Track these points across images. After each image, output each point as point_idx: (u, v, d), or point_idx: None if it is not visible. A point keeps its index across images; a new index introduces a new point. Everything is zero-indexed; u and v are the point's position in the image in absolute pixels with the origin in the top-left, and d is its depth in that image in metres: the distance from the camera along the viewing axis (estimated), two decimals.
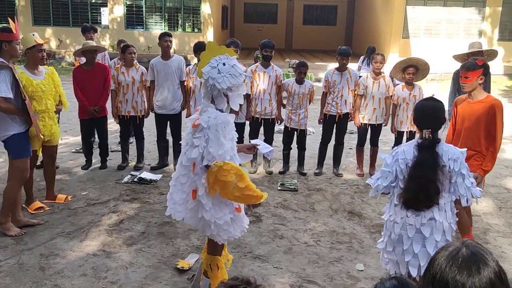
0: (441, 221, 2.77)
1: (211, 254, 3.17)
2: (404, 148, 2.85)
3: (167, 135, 6.35)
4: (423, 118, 2.83)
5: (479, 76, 3.92)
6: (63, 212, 4.82)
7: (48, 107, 4.71)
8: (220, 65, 2.86)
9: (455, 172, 2.74)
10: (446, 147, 2.78)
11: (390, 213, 2.91)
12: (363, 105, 6.12)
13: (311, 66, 15.72)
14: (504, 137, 8.50)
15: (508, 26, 17.89)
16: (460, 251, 1.33)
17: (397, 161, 2.81)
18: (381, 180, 2.87)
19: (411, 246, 2.79)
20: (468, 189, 2.78)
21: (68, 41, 18.28)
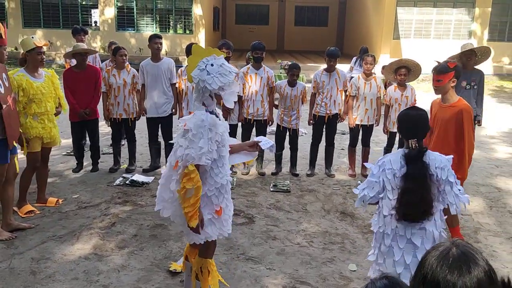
0: (431, 230, 2.73)
1: (202, 256, 3.16)
2: (390, 157, 2.78)
3: (159, 137, 6.33)
4: (408, 128, 2.77)
5: (451, 79, 3.89)
6: (54, 216, 4.78)
7: (48, 110, 4.73)
8: (209, 66, 2.86)
9: (443, 181, 2.70)
10: (432, 155, 2.73)
11: (380, 224, 2.84)
12: (355, 106, 6.15)
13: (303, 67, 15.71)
14: (494, 137, 8.64)
15: (498, 26, 18.06)
16: (451, 251, 1.34)
17: (384, 171, 2.74)
18: (367, 190, 2.80)
19: (403, 257, 2.74)
20: (457, 197, 2.74)
21: (59, 43, 18.17)
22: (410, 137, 2.73)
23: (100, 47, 17.81)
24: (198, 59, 2.91)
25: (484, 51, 5.84)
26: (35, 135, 4.68)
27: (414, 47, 17.00)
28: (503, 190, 5.84)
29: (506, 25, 18.07)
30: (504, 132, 9.06)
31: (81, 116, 5.87)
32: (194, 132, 2.79)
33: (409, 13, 17.93)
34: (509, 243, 4.40)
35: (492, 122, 9.83)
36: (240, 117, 6.07)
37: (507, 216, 5.05)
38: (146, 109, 6.13)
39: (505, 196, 5.62)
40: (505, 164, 6.92)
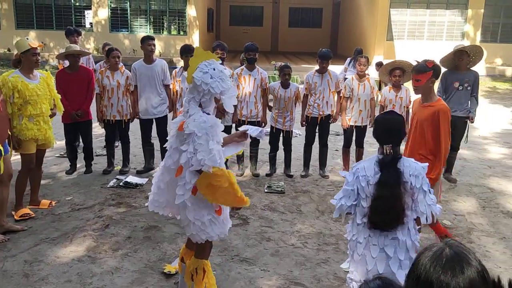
0: (404, 240, 2.65)
1: (198, 257, 3.15)
2: (364, 164, 2.70)
3: (152, 138, 6.31)
4: (384, 133, 2.70)
5: (430, 78, 3.83)
6: (47, 218, 4.75)
7: (43, 111, 4.71)
8: (211, 70, 2.89)
9: (417, 189, 2.62)
10: (407, 162, 2.65)
11: (353, 232, 2.77)
12: (349, 107, 6.17)
13: (297, 69, 15.80)
14: (487, 137, 8.70)
15: (490, 28, 18.19)
16: (444, 251, 1.35)
17: (358, 178, 2.66)
18: (344, 199, 2.71)
19: (375, 266, 2.66)
20: (429, 207, 2.65)
21: (52, 44, 18.10)
22: (384, 142, 2.66)
23: (94, 49, 17.76)
24: (198, 61, 2.92)
25: (475, 50, 5.86)
26: (31, 137, 4.65)
27: (408, 48, 17.08)
28: (496, 190, 5.87)
29: (498, 27, 18.20)
30: (496, 133, 9.12)
31: (73, 118, 5.84)
32: (199, 135, 2.80)
33: (403, 15, 18.02)
34: (502, 243, 4.43)
35: (485, 123, 9.89)
36: (234, 118, 6.07)
37: (500, 216, 5.09)
38: (139, 112, 6.10)
39: (498, 197, 5.65)
40: (497, 165, 6.96)
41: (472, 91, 5.85)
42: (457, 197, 5.61)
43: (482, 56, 5.89)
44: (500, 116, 11.03)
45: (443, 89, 5.95)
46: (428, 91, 3.92)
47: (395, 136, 2.68)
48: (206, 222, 2.97)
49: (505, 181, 6.22)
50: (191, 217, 2.95)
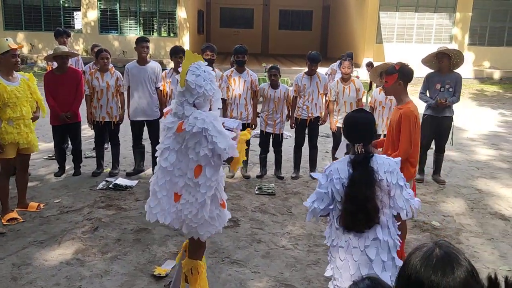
0: (386, 240, 2.58)
1: (193, 258, 3.16)
2: (337, 166, 2.61)
3: (143, 140, 6.28)
4: (355, 131, 2.62)
5: (397, 80, 3.77)
6: (35, 221, 4.70)
7: (24, 114, 4.60)
8: (203, 72, 2.93)
9: (393, 185, 2.55)
10: (380, 159, 2.58)
11: (332, 237, 2.67)
12: (336, 110, 6.20)
13: (287, 71, 15.83)
14: (474, 139, 8.79)
15: (478, 31, 18.39)
16: (434, 251, 1.36)
17: (332, 181, 2.57)
18: (317, 203, 2.62)
19: (358, 270, 2.58)
20: (407, 201, 2.60)
21: (41, 45, 17.94)
22: (356, 141, 2.59)
23: (83, 50, 17.64)
24: (189, 64, 2.95)
25: (457, 54, 5.96)
26: (10, 141, 4.54)
27: (397, 51, 17.21)
28: (483, 191, 5.93)
29: (486, 30, 18.42)
30: (484, 135, 9.22)
31: (62, 120, 5.79)
32: (210, 129, 2.85)
33: (392, 18, 18.16)
34: (490, 244, 4.47)
35: (472, 125, 10.00)
36: None
37: (488, 217, 5.14)
38: (131, 113, 6.06)
39: (486, 198, 5.71)
40: (485, 166, 7.04)
41: (454, 92, 5.94)
42: (446, 198, 5.66)
43: (463, 60, 5.98)
44: (487, 118, 11.16)
45: (425, 90, 6.12)
46: (397, 93, 3.85)
47: (365, 134, 2.62)
48: (215, 216, 3.06)
49: (493, 182, 6.29)
50: (207, 215, 2.99)
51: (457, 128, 9.75)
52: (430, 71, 6.14)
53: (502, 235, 4.68)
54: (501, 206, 5.46)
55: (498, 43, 18.44)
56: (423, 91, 6.14)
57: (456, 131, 9.43)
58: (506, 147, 8.23)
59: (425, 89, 6.12)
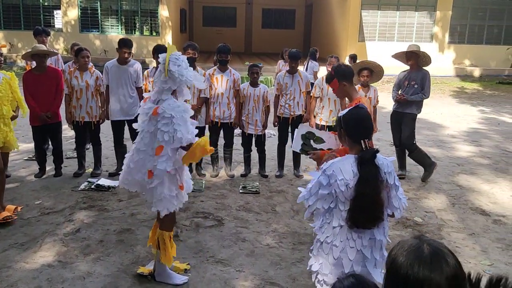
0: (380, 239, 2.60)
1: (164, 229, 3.52)
2: (340, 166, 2.52)
3: (125, 140, 6.21)
4: (360, 127, 2.59)
5: (339, 83, 3.82)
6: (15, 223, 4.60)
7: (4, 113, 4.54)
8: (182, 62, 3.31)
9: (391, 185, 2.57)
10: (380, 160, 2.55)
11: (327, 234, 2.63)
12: (320, 107, 6.21)
13: (270, 70, 15.83)
14: (455, 136, 8.92)
15: (458, 29, 18.68)
16: (423, 249, 1.37)
17: (336, 182, 2.50)
18: (320, 203, 2.57)
19: (352, 268, 2.58)
20: (400, 200, 2.63)
21: (20, 45, 17.64)
22: (362, 137, 2.55)
23: (64, 49, 17.38)
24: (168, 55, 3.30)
25: (425, 55, 6.11)
26: None
27: (379, 49, 17.37)
28: (464, 187, 6.02)
29: (466, 28, 18.71)
30: (464, 132, 9.37)
31: (42, 120, 5.69)
32: (177, 117, 3.23)
33: (373, 16, 18.32)
34: (471, 239, 4.54)
35: (453, 122, 10.15)
36: (207, 119, 6.03)
37: (469, 212, 5.22)
38: (110, 113, 5.98)
39: (467, 193, 5.80)
40: (466, 162, 7.15)
41: (421, 89, 6.06)
42: (428, 194, 5.73)
43: (431, 60, 6.15)
44: (468, 115, 11.33)
45: (397, 88, 6.31)
46: (347, 93, 3.89)
47: (370, 129, 2.63)
48: (175, 195, 3.42)
49: (473, 178, 6.39)
50: (166, 192, 3.36)
51: (438, 125, 9.90)
52: (402, 70, 6.35)
53: (483, 230, 4.75)
54: (482, 201, 5.54)
55: (477, 41, 18.76)
56: (395, 89, 6.35)
57: (437, 128, 9.57)
58: (486, 144, 8.38)
59: (398, 87, 6.31)
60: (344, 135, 2.65)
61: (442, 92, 15.19)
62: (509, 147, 8.17)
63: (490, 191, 5.90)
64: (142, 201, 4.72)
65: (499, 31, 18.84)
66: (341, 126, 2.65)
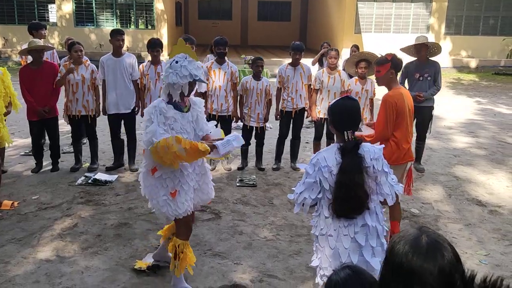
0: (374, 225, 2.62)
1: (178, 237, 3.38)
2: (324, 154, 2.60)
3: (122, 134, 6.19)
4: (345, 118, 2.61)
5: (389, 70, 3.96)
6: (12, 218, 4.61)
7: None
8: (173, 62, 3.15)
9: (379, 172, 2.60)
10: (366, 147, 2.61)
11: (321, 226, 2.66)
12: (319, 99, 6.21)
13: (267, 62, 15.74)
14: (452, 127, 8.93)
15: (454, 20, 18.64)
16: (421, 239, 1.38)
17: (320, 169, 2.57)
18: (307, 193, 2.61)
19: (349, 257, 2.60)
20: (392, 187, 2.65)
21: (15, 39, 17.51)
22: (345, 128, 2.59)
23: (58, 43, 17.28)
24: (176, 52, 3.20)
25: (435, 46, 6.07)
26: None
27: (375, 41, 17.34)
28: (461, 178, 6.05)
29: (462, 19, 18.68)
30: (461, 123, 9.39)
31: (40, 115, 5.66)
32: (146, 118, 3.15)
33: (369, 8, 18.27)
34: (468, 230, 4.57)
35: (450, 113, 10.17)
36: (205, 112, 6.01)
37: (465, 203, 5.24)
38: (107, 106, 5.96)
39: (463, 184, 5.82)
40: (462, 154, 7.17)
41: (434, 82, 6.02)
42: (424, 186, 5.75)
43: (441, 50, 6.11)
44: (464, 106, 11.35)
45: (403, 80, 6.19)
46: (389, 82, 4.02)
47: (354, 121, 2.64)
48: (160, 201, 3.23)
49: (470, 169, 6.42)
50: (147, 194, 3.29)
51: (435, 117, 9.90)
52: (409, 61, 6.22)
53: (479, 221, 4.78)
54: (478, 192, 5.57)
55: (473, 32, 18.74)
56: (401, 81, 6.18)
57: (434, 120, 9.57)
58: (483, 134, 8.40)
59: (404, 79, 6.17)
60: (330, 123, 2.73)
61: None
62: (505, 138, 8.20)
63: (487, 181, 5.93)
64: (139, 195, 4.71)
65: (495, 22, 18.82)
66: (330, 114, 2.71)
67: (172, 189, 3.23)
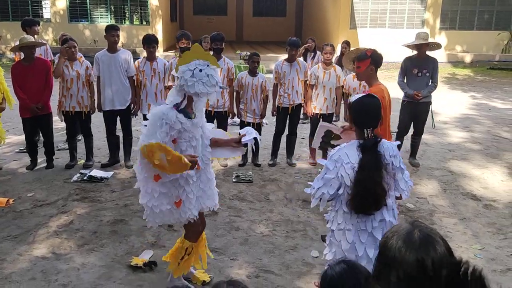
0: (391, 220, 2.68)
1: (186, 239, 3.31)
2: (346, 151, 2.63)
3: (117, 130, 6.17)
4: (365, 116, 2.66)
5: (369, 66, 3.95)
6: (8, 215, 4.60)
7: None
8: (197, 70, 2.95)
9: (397, 168, 2.66)
10: (385, 144, 2.65)
11: (339, 221, 2.71)
12: (314, 95, 6.21)
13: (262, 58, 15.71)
14: (447, 122, 8.96)
15: (449, 15, 18.65)
16: (414, 233, 1.39)
17: (342, 166, 2.59)
18: (325, 188, 2.63)
19: (365, 251, 2.65)
20: (407, 183, 2.74)
21: (9, 36, 17.39)
22: (366, 126, 2.63)
23: (53, 40, 17.18)
24: (193, 57, 2.97)
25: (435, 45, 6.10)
26: None
27: (370, 36, 17.32)
28: (456, 173, 6.07)
29: (457, 14, 18.69)
30: (456, 118, 9.41)
31: (33, 112, 5.63)
32: (151, 122, 2.93)
33: (365, 3, 18.23)
34: (462, 224, 4.60)
35: (444, 108, 10.19)
36: None
37: (460, 198, 5.27)
38: (102, 103, 5.93)
39: (458, 179, 5.85)
40: (457, 148, 7.20)
41: (431, 78, 6.02)
42: (420, 180, 5.77)
43: (441, 47, 6.13)
44: (459, 101, 11.38)
45: (402, 75, 6.17)
46: (369, 78, 4.02)
47: (375, 119, 2.68)
48: (164, 210, 3.08)
49: (464, 163, 6.44)
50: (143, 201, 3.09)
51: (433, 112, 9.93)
52: (407, 56, 6.23)
53: (474, 215, 4.81)
54: (473, 186, 5.60)
55: (468, 27, 18.74)
56: (401, 78, 6.16)
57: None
58: (477, 129, 8.43)
59: (403, 74, 6.14)
60: (351, 120, 2.77)
61: None
62: (500, 132, 8.23)
63: (481, 176, 5.96)
64: (135, 192, 4.71)
65: (490, 16, 18.84)
66: (350, 111, 2.74)
67: (176, 198, 3.09)
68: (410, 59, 6.15)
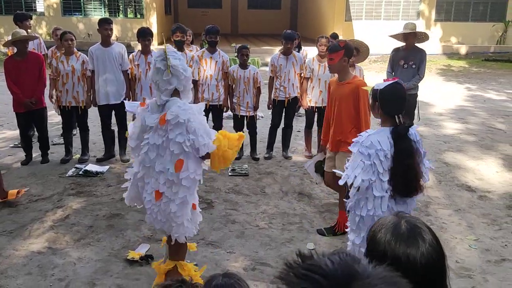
0: (414, 205, 2.79)
1: (174, 259, 3.13)
2: (378, 138, 2.66)
3: (112, 125, 6.15)
4: (396, 103, 2.71)
5: (342, 57, 3.92)
6: (3, 210, 4.58)
7: None
8: (180, 56, 2.91)
9: (422, 153, 2.74)
10: (412, 130, 2.72)
11: (368, 207, 2.71)
12: (310, 88, 6.20)
13: (257, 51, 15.71)
14: (442, 114, 8.98)
15: (444, 6, 18.64)
16: (401, 225, 1.39)
17: (376, 153, 2.62)
18: (363, 175, 2.63)
19: None
20: (426, 168, 2.78)
21: (2, 30, 17.23)
22: (397, 113, 2.68)
23: (46, 34, 17.05)
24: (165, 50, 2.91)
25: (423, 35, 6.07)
26: None
27: (366, 28, 17.30)
28: (451, 164, 6.10)
29: (452, 5, 18.68)
30: (451, 109, 9.44)
31: (27, 106, 5.60)
32: (193, 121, 2.79)
33: None
34: (457, 215, 4.62)
35: (439, 100, 10.22)
36: (196, 102, 5.99)
37: (455, 189, 5.29)
38: (97, 97, 5.89)
39: (453, 171, 5.87)
40: (452, 140, 7.22)
41: (418, 70, 5.99)
42: None
43: (428, 38, 6.10)
44: (454, 93, 11.41)
45: (390, 66, 6.18)
46: (342, 69, 4.00)
47: (404, 105, 2.74)
48: (190, 219, 3.02)
49: (459, 155, 6.47)
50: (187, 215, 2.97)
51: (424, 103, 9.95)
52: (395, 47, 6.21)
53: (469, 206, 4.84)
54: (468, 178, 5.63)
55: (463, 18, 18.75)
56: (389, 69, 6.19)
57: (424, 106, 9.62)
58: (472, 121, 8.46)
59: (392, 66, 6.15)
60: (378, 108, 2.76)
61: (429, 70, 15.22)
62: (495, 123, 8.27)
63: (476, 167, 5.99)
64: None
65: (485, 8, 18.84)
66: (377, 99, 2.75)
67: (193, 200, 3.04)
68: (398, 50, 6.15)
